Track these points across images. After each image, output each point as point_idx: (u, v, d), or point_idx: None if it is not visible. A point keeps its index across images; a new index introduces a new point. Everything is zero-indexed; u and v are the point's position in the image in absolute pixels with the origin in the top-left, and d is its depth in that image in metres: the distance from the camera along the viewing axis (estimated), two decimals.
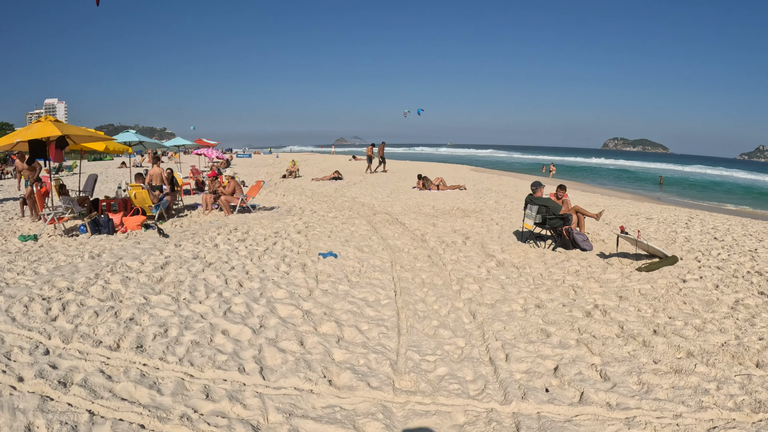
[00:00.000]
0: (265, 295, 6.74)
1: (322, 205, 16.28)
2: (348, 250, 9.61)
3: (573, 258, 9.39)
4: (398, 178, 29.34)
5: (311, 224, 12.39)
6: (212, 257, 8.77)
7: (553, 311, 6.44)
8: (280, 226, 11.98)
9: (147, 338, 5.26)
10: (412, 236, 11.21)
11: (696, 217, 15.70)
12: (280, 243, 10.07)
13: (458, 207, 16.14)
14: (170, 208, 13.92)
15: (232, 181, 14.17)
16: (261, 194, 19.46)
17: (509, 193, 21.11)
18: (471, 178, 30.32)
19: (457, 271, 8.26)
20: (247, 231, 11.30)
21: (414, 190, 22.19)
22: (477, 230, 12.06)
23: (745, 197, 33.08)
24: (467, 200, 18.27)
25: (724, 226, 13.56)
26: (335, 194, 20.08)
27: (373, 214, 14.38)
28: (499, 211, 15.29)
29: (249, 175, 31.43)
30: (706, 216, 16.17)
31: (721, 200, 29.77)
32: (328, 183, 25.53)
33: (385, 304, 6.56)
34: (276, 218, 13.34)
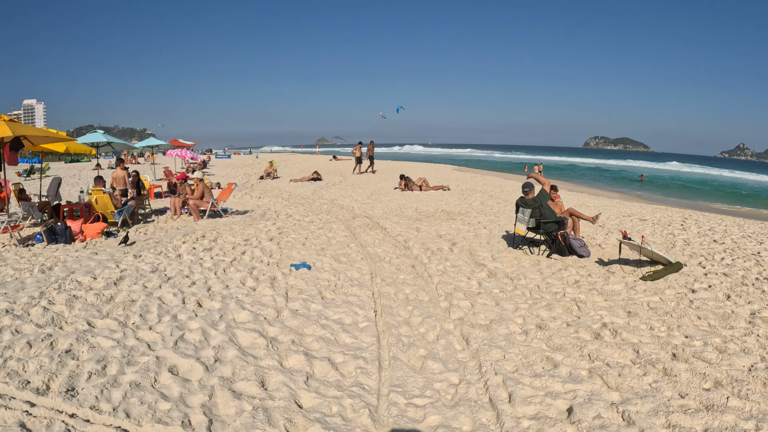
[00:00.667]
0: (225, 318, 5.82)
1: (299, 209, 15.35)
2: (323, 260, 8.71)
3: (571, 266, 8.60)
4: (379, 178, 28.46)
5: (285, 230, 11.47)
6: (173, 270, 7.82)
7: (557, 333, 5.61)
8: (252, 233, 11.05)
9: (81, 377, 4.33)
10: (394, 243, 10.35)
11: (690, 217, 15.05)
12: (249, 252, 9.15)
13: (442, 209, 15.31)
14: (135, 213, 12.91)
15: (201, 183, 13.20)
16: (235, 197, 18.49)
17: (495, 194, 20.35)
18: (454, 177, 29.52)
19: (444, 284, 7.41)
20: (215, 238, 10.36)
21: (396, 191, 21.34)
22: (464, 235, 11.23)
23: (732, 196, 32.73)
24: (452, 201, 17.45)
25: (720, 227, 12.93)
26: (313, 196, 19.15)
27: (352, 218, 13.50)
28: (486, 214, 14.48)
29: (226, 176, 30.40)
30: (699, 216, 15.55)
31: (709, 199, 29.34)
32: (306, 184, 24.58)
33: (363, 328, 5.68)
34: (248, 223, 12.41)
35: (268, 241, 10.16)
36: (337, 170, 35.60)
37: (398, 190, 21.50)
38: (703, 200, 28.26)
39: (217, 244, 9.85)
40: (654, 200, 25.06)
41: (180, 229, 11.74)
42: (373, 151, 31.90)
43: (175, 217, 13.36)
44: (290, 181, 26.37)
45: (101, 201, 12.13)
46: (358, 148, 31.77)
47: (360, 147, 31.77)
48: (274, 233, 11.03)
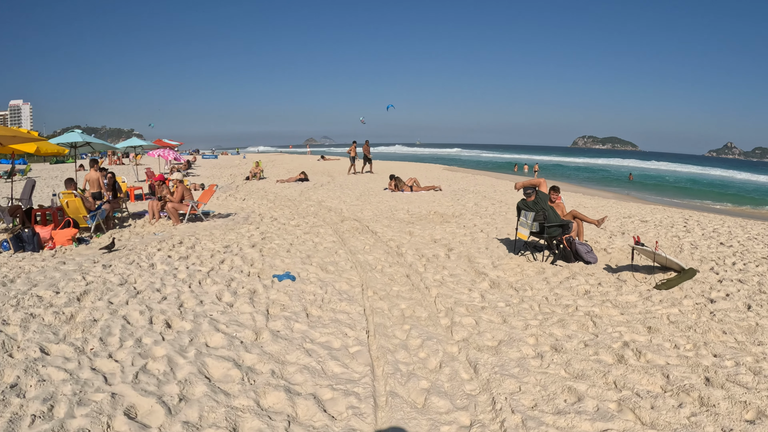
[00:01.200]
0: (196, 343, 5.08)
1: (284, 211, 14.60)
2: (309, 269, 7.98)
3: (578, 274, 7.94)
4: (368, 178, 27.74)
5: (269, 235, 10.73)
6: (143, 283, 7.07)
7: (575, 355, 4.93)
8: (233, 238, 10.30)
9: (23, 422, 3.59)
10: (386, 249, 9.64)
11: (691, 218, 14.46)
12: (229, 260, 8.41)
13: (435, 211, 14.61)
14: (110, 218, 12.11)
15: (180, 185, 12.42)
16: (218, 199, 17.69)
17: (488, 194, 19.69)
18: (445, 177, 28.87)
19: (444, 297, 6.70)
20: (194, 245, 9.61)
21: (386, 191, 20.63)
22: (460, 239, 10.55)
23: (724, 195, 32.34)
24: (444, 203, 16.77)
25: (723, 229, 12.35)
26: (300, 198, 18.39)
27: (340, 221, 12.77)
28: (482, 216, 13.80)
29: (211, 177, 29.57)
30: (699, 217, 14.95)
31: (703, 198, 28.91)
32: (293, 185, 23.82)
33: (355, 353, 4.95)
34: (230, 227, 11.65)
35: (250, 247, 9.41)
36: (326, 170, 34.83)
37: (388, 190, 20.80)
38: (697, 200, 27.83)
39: (194, 251, 9.10)
40: (650, 200, 24.55)
41: (157, 235, 10.98)
42: (368, 150, 31.03)
43: (153, 221, 12.58)
44: (277, 181, 25.60)
45: (72, 205, 11.31)
46: (353, 148, 30.95)
47: (355, 146, 30.95)
48: (257, 239, 10.29)
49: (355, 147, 30.87)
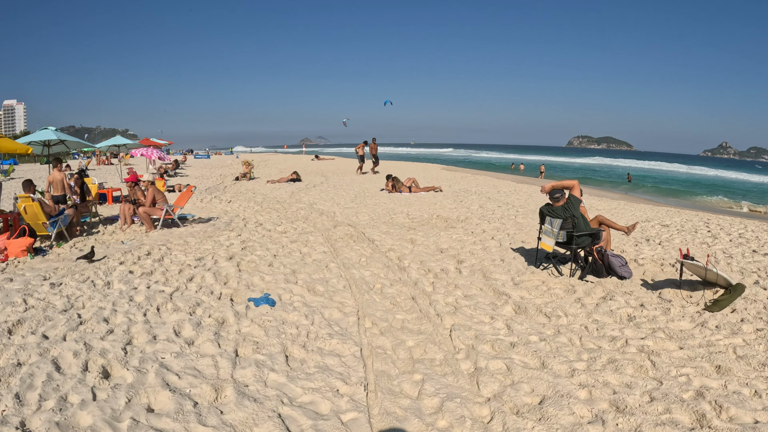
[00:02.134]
0: (135, 405, 3.75)
1: (272, 215, 13.26)
2: (294, 289, 6.63)
3: (615, 293, 6.66)
4: (364, 179, 26.41)
5: (251, 244, 9.40)
6: (91, 309, 5.76)
7: (645, 418, 3.65)
8: (209, 249, 8.97)
9: None
10: (386, 261, 8.32)
11: (710, 221, 13.16)
12: (199, 278, 7.09)
13: (438, 214, 13.30)
14: (74, 224, 10.75)
15: (152, 188, 11.07)
16: (202, 201, 16.33)
17: (492, 196, 18.36)
18: (444, 178, 27.51)
19: (461, 330, 5.37)
20: (162, 257, 8.29)
21: (382, 192, 19.31)
22: (470, 249, 9.25)
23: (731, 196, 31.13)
24: (447, 205, 15.46)
25: (750, 234, 11.10)
26: (290, 200, 17.02)
27: (333, 227, 11.45)
28: (490, 220, 12.49)
29: (201, 177, 28.22)
30: (719, 220, 13.62)
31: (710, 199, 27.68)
32: (284, 186, 22.47)
33: (349, 423, 3.61)
34: (209, 235, 10.32)
35: (226, 260, 8.08)
36: (319, 170, 33.47)
37: (385, 191, 19.49)
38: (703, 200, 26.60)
39: (161, 265, 7.78)
40: (658, 201, 23.34)
41: (125, 244, 9.66)
42: (376, 149, 29.49)
43: (124, 228, 11.24)
44: (267, 182, 24.24)
45: (30, 210, 9.95)
46: (362, 147, 29.60)
47: (363, 145, 29.59)
48: (236, 249, 8.96)
49: (363, 146, 29.59)
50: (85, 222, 11.90)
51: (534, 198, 17.87)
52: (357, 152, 29.86)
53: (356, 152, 30.12)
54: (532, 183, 27.66)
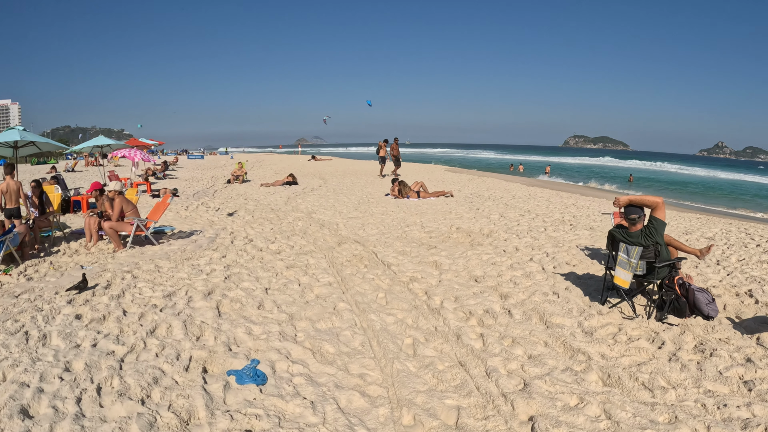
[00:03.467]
0: None
1: (264, 228, 11.41)
2: (292, 351, 4.76)
3: (709, 342, 5.07)
4: (365, 182, 24.58)
5: (236, 271, 7.57)
6: (9, 389, 3.97)
7: None
8: (184, 278, 7.16)
9: None
10: (410, 298, 6.48)
11: (748, 232, 11.31)
12: (164, 328, 5.27)
13: (457, 226, 11.47)
14: (28, 243, 8.90)
15: (119, 198, 9.23)
16: (187, 209, 14.47)
17: (509, 202, 16.49)
18: (451, 180, 25.62)
19: (547, 427, 3.55)
20: (123, 292, 6.47)
21: (388, 198, 17.49)
22: (509, 276, 7.45)
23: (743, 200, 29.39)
24: (463, 213, 13.63)
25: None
26: (286, 207, 15.15)
27: (337, 244, 9.62)
28: (519, 234, 10.65)
29: (191, 179, 26.41)
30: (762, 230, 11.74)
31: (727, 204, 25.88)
32: (279, 190, 20.62)
33: None
34: (187, 256, 8.51)
35: (203, 298, 6.24)
36: (317, 172, 31.61)
37: (391, 196, 17.67)
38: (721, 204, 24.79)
39: (120, 305, 5.96)
40: (682, 207, 21.59)
41: (84, 269, 7.85)
42: (398, 150, 26.65)
43: (89, 246, 9.42)
44: (261, 185, 22.36)
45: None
46: (383, 146, 27.02)
47: (384, 145, 27.04)
48: (218, 278, 7.13)
49: (384, 146, 27.02)
50: (48, 237, 10.07)
51: (554, 204, 16.06)
52: (378, 153, 27.30)
53: (377, 154, 27.51)
54: (542, 186, 25.85)
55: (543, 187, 24.59)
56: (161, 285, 6.80)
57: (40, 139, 14.85)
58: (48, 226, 10.03)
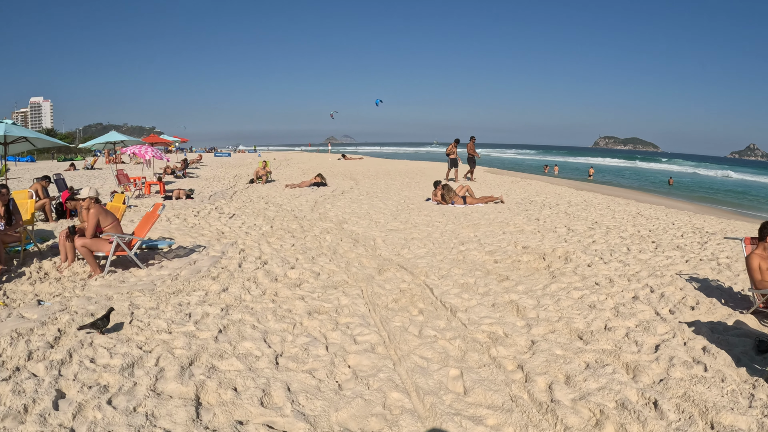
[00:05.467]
0: None
1: (284, 242, 9.25)
2: None
3: None
4: (400, 183, 22.33)
5: (238, 317, 5.37)
6: None
7: None
8: (162, 330, 5.01)
9: None
10: (500, 378, 4.17)
11: None
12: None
13: (523, 244, 9.13)
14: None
15: (95, 207, 7.10)
16: (197, 215, 12.36)
17: (568, 210, 13.94)
18: (493, 183, 23.05)
19: None
20: (70, 355, 4.35)
21: (429, 203, 15.23)
22: (625, 331, 5.12)
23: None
24: (522, 225, 11.25)
25: None
26: (312, 214, 12.95)
27: (377, 271, 7.38)
28: (603, 256, 8.24)
29: (212, 178, 24.47)
30: None
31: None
32: (306, 192, 18.47)
33: None
34: (176, 288, 6.37)
35: (178, 376, 4.00)
36: (347, 172, 29.45)
37: (432, 202, 15.40)
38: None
39: (52, 387, 3.81)
40: (747, 216, 18.86)
41: (42, 305, 5.80)
42: (474, 149, 22.90)
43: (63, 267, 7.38)
44: (285, 186, 20.23)
45: None
46: (454, 147, 22.69)
47: (455, 145, 22.70)
48: (210, 333, 4.92)
49: (455, 146, 22.75)
50: (15, 254, 8.07)
51: (618, 213, 13.47)
52: (448, 155, 22.95)
53: (447, 155, 23.11)
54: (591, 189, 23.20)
55: (593, 191, 21.95)
56: (126, 343, 4.65)
57: (32, 134, 12.95)
58: (16, 241, 7.99)
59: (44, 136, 13.56)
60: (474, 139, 22.97)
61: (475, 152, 22.93)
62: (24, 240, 8.15)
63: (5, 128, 11.83)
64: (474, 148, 22.87)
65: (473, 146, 22.86)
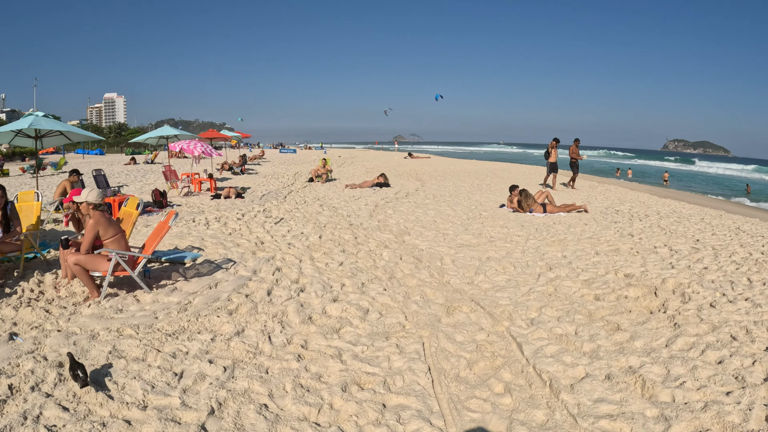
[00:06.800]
0: None
1: (332, 259, 7.69)
2: None
3: None
4: (470, 186, 20.47)
5: (243, 386, 3.81)
6: None
7: None
8: (134, 402, 3.52)
9: None
10: None
11: None
12: None
13: (623, 271, 7.18)
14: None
15: (95, 215, 5.68)
16: (240, 219, 11.01)
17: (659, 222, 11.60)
18: (568, 187, 20.81)
19: None
20: (12, 428, 2.90)
21: (503, 210, 13.38)
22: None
23: None
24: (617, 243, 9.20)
25: None
26: (370, 221, 11.34)
27: (444, 311, 5.65)
28: (726, 293, 6.07)
29: (271, 176, 23.38)
30: None
31: None
32: (367, 193, 16.92)
33: None
34: (182, 326, 4.91)
35: None
36: (413, 171, 27.77)
37: (507, 209, 13.55)
38: None
39: None
40: None
41: (14, 340, 4.52)
42: (577, 153, 20.17)
43: (61, 285, 6.11)
44: (345, 186, 18.77)
45: None
46: (553, 148, 19.73)
47: (555, 146, 19.75)
48: (191, 418, 3.34)
49: (554, 147, 19.77)
50: (16, 264, 6.88)
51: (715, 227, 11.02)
52: (547, 158, 19.99)
53: (545, 157, 20.17)
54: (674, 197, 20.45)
55: (676, 198, 19.23)
56: (82, 422, 3.18)
57: (66, 128, 11.93)
58: (14, 250, 6.74)
59: (78, 130, 12.55)
60: (578, 142, 20.28)
61: (578, 155, 20.17)
62: (25, 249, 6.91)
63: (34, 120, 10.83)
64: (578, 152, 20.13)
65: (576, 149, 20.16)
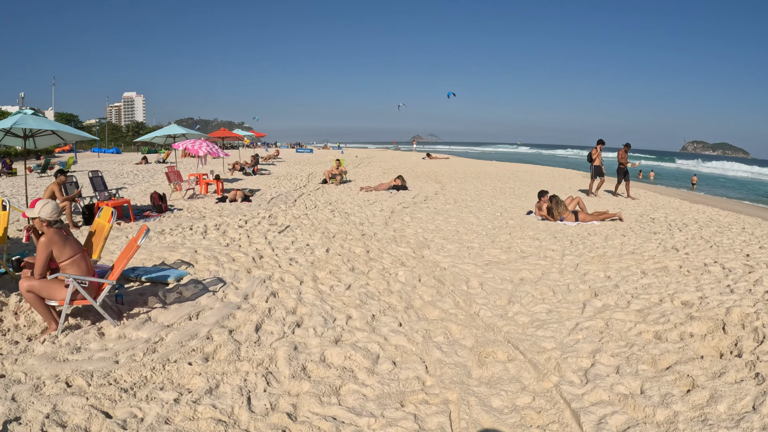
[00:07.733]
0: None
1: (339, 279, 6.65)
2: None
3: None
4: (493, 189, 19.34)
5: None
6: None
7: None
8: None
9: None
10: None
11: None
12: None
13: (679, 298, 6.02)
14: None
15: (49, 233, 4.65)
16: (242, 227, 10.04)
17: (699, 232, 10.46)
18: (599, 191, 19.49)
19: None
20: None
21: (531, 218, 12.26)
22: None
23: None
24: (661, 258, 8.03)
25: None
26: (385, 230, 10.25)
27: (475, 361, 4.52)
28: None
29: (284, 176, 22.53)
30: None
31: None
32: (383, 196, 15.87)
33: None
34: (143, 376, 3.93)
35: None
36: (431, 172, 26.65)
37: (536, 216, 12.42)
38: None
39: None
40: None
41: None
42: (626, 158, 18.01)
43: (23, 310, 5.20)
44: (360, 189, 17.72)
45: None
46: (598, 152, 17.83)
47: (599, 150, 17.84)
48: None
49: (599, 151, 17.89)
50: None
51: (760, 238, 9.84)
52: (591, 161, 18.13)
53: (589, 161, 18.22)
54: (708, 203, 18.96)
55: (709, 204, 17.74)
56: None
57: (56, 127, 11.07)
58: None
59: (72, 129, 11.65)
60: (628, 147, 18.42)
61: (627, 161, 18.10)
62: None
63: (20, 119, 9.96)
64: (626, 157, 18.06)
65: (625, 154, 18.14)
